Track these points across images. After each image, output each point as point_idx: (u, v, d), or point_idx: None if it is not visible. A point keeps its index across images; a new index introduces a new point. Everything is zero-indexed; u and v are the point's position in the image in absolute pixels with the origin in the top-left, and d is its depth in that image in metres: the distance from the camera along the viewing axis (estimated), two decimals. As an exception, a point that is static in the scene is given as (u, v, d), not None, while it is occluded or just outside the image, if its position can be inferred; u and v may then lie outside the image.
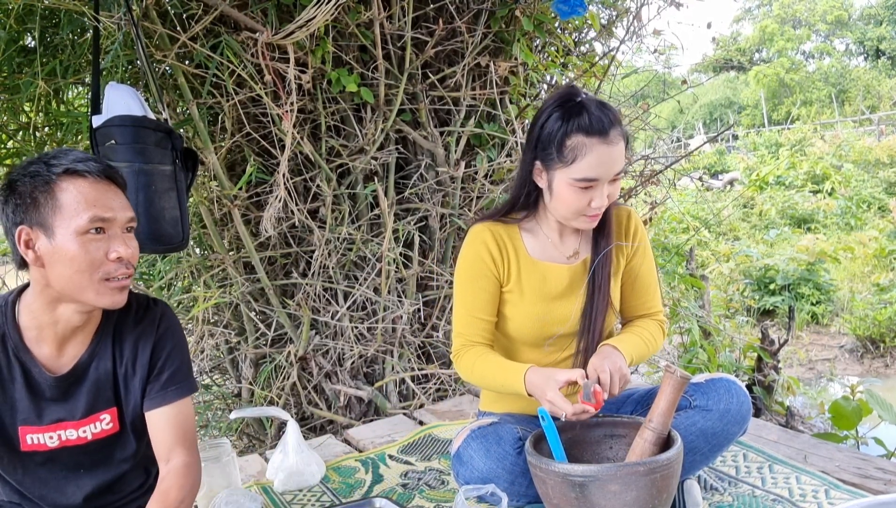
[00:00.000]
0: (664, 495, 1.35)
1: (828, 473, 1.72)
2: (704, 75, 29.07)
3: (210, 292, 2.77)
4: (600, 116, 1.47)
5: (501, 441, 1.58)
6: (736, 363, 3.81)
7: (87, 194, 1.21)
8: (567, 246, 1.68)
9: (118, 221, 1.25)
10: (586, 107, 1.48)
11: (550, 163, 1.52)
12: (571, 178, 1.49)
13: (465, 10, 2.79)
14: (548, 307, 1.64)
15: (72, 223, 1.20)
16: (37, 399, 1.29)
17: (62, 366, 1.31)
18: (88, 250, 1.21)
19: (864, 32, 28.69)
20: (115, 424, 1.35)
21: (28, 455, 1.30)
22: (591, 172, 1.48)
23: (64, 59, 2.45)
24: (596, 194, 1.50)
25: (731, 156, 16.35)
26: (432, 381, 2.81)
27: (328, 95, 2.65)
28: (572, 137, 1.47)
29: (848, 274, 7.54)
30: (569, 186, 1.50)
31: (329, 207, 2.67)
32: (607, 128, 1.47)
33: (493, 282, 1.65)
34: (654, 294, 1.75)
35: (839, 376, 5.56)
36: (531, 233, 1.68)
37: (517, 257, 1.65)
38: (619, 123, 1.51)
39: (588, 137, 1.46)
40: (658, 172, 3.65)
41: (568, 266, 1.66)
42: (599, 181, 1.49)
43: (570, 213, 1.55)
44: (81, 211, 1.20)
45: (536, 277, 1.65)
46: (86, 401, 1.32)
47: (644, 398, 1.73)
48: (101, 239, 1.22)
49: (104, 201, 1.23)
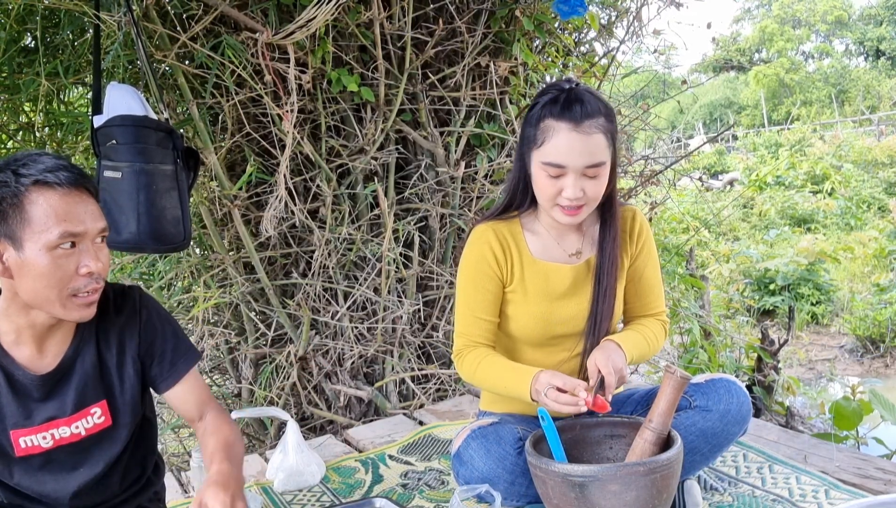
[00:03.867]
0: (664, 495, 1.35)
1: (828, 473, 1.72)
2: (704, 75, 29.09)
3: (210, 292, 2.77)
4: (576, 105, 1.48)
5: (502, 441, 1.58)
6: (736, 364, 3.81)
7: (57, 208, 1.17)
8: (568, 244, 1.67)
9: (89, 233, 1.21)
10: (569, 94, 1.50)
11: (529, 145, 1.55)
12: (541, 161, 1.51)
13: (465, 10, 2.79)
14: (551, 307, 1.64)
15: (41, 238, 1.16)
16: (24, 401, 1.28)
17: (46, 365, 1.29)
18: (59, 265, 1.17)
19: (864, 32, 28.70)
20: (106, 417, 1.34)
21: (24, 459, 1.29)
22: (558, 158, 1.48)
23: (64, 59, 2.45)
24: (566, 183, 1.50)
25: (731, 156, 16.35)
26: (432, 381, 2.81)
27: (328, 95, 2.65)
28: (545, 119, 1.50)
29: (848, 274, 7.54)
30: (540, 170, 1.52)
31: (329, 207, 2.67)
32: (580, 116, 1.47)
33: (496, 283, 1.65)
34: (658, 295, 1.75)
35: (839, 376, 5.56)
36: (533, 233, 1.68)
37: (520, 256, 1.65)
38: (605, 116, 1.50)
39: (557, 120, 1.48)
40: (658, 172, 3.65)
41: (571, 266, 1.66)
42: (568, 169, 1.49)
43: (545, 200, 1.56)
44: (52, 226, 1.16)
45: (539, 277, 1.65)
46: (74, 396, 1.30)
47: (644, 399, 1.73)
48: (71, 253, 1.19)
49: (75, 215, 1.19)
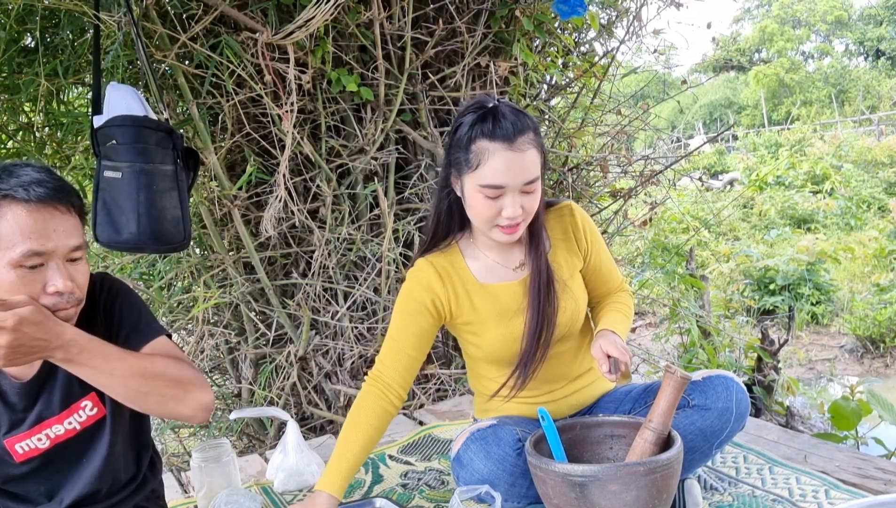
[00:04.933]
0: (664, 495, 1.35)
1: (828, 473, 1.72)
2: (704, 75, 29.10)
3: (210, 292, 2.77)
4: (507, 123, 1.45)
5: (501, 443, 1.58)
6: (736, 363, 3.82)
7: (23, 225, 1.13)
8: (510, 259, 1.65)
9: (58, 251, 1.17)
10: (495, 113, 1.47)
11: (461, 169, 1.50)
12: (478, 184, 1.47)
13: (465, 10, 2.79)
14: (510, 326, 1.62)
15: (6, 254, 1.13)
16: (12, 410, 1.27)
17: (28, 371, 1.28)
18: (25, 283, 1.15)
19: (864, 32, 28.71)
20: (99, 408, 1.32)
21: (25, 463, 1.29)
22: (497, 179, 1.45)
23: (64, 59, 2.45)
24: (506, 202, 1.47)
25: (731, 156, 16.36)
26: (432, 381, 2.81)
27: (328, 95, 2.65)
28: (477, 141, 1.46)
29: (848, 274, 7.55)
30: (477, 193, 1.48)
31: (329, 207, 2.67)
32: (513, 134, 1.44)
33: (427, 319, 1.62)
34: (615, 272, 1.77)
35: (839, 376, 5.57)
36: (474, 258, 1.65)
37: (464, 285, 1.63)
38: (533, 130, 1.48)
39: (492, 141, 1.45)
40: (658, 172, 3.66)
41: (519, 281, 1.63)
42: (506, 189, 1.46)
43: (482, 223, 1.52)
44: (17, 243, 1.13)
45: (490, 300, 1.62)
46: (60, 394, 1.29)
47: (642, 395, 1.73)
48: (38, 271, 1.15)
49: (42, 232, 1.15)
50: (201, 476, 1.71)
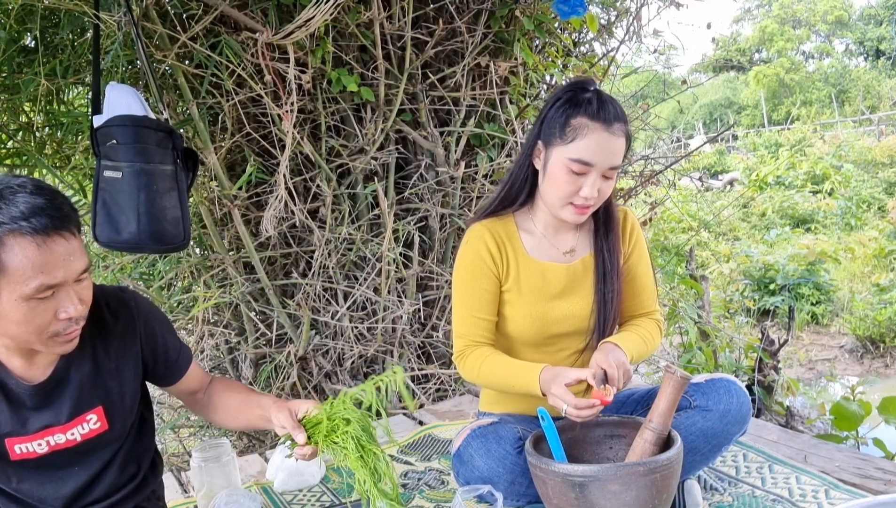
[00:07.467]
0: (664, 495, 1.35)
1: (828, 473, 1.72)
2: (704, 75, 29.07)
3: (210, 292, 2.77)
4: (608, 106, 1.53)
5: (502, 441, 1.58)
6: (736, 364, 3.81)
7: (34, 259, 1.11)
8: (563, 242, 1.68)
9: (69, 279, 1.17)
10: (599, 95, 1.55)
11: (551, 140, 1.56)
12: (567, 157, 1.52)
13: (465, 10, 2.79)
14: (547, 307, 1.64)
15: (17, 289, 1.12)
16: (18, 410, 1.27)
17: (38, 374, 1.28)
18: (36, 313, 1.15)
19: (864, 32, 28.69)
20: (102, 423, 1.33)
21: (19, 463, 1.29)
22: (588, 155, 1.51)
23: (64, 59, 2.45)
24: (587, 182, 1.52)
25: (731, 156, 16.34)
26: (432, 381, 2.81)
27: (328, 94, 2.65)
28: (577, 117, 1.52)
29: (848, 274, 7.54)
30: (563, 167, 1.53)
31: (329, 207, 2.67)
32: (612, 118, 1.52)
33: (492, 281, 1.66)
34: (650, 294, 1.75)
35: (839, 376, 5.56)
36: (528, 231, 1.69)
37: (516, 256, 1.66)
38: (625, 120, 1.56)
39: (592, 120, 1.51)
40: (658, 172, 3.66)
41: (566, 265, 1.66)
42: (593, 168, 1.52)
43: (558, 198, 1.57)
44: (28, 278, 1.12)
45: (535, 275, 1.65)
46: (70, 404, 1.30)
47: (644, 398, 1.73)
48: (49, 300, 1.16)
49: (53, 263, 1.14)
50: (201, 475, 1.71)
